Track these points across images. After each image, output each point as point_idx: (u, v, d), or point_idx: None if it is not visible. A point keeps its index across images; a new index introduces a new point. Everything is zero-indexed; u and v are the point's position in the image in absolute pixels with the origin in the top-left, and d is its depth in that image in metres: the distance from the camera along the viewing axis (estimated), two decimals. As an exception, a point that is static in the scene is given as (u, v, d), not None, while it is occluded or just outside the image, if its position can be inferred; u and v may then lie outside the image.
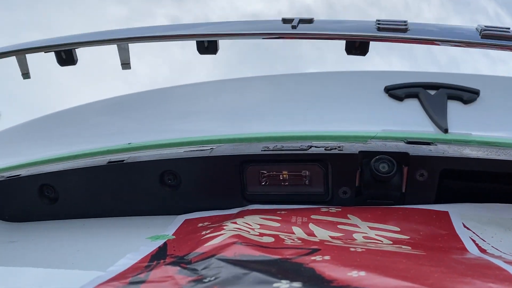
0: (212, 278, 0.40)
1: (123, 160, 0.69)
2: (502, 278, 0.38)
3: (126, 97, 1.02)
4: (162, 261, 0.49)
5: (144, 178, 0.69)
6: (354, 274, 0.39)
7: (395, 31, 0.59)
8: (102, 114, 0.99)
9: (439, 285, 0.36)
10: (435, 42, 0.58)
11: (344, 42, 0.65)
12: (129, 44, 0.71)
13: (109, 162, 0.70)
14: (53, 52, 0.73)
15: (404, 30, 0.59)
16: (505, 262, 0.43)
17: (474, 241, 0.53)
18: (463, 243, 0.53)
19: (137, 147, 0.78)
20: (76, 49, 0.70)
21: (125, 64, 0.73)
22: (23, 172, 0.73)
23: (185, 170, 0.68)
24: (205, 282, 0.40)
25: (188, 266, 0.45)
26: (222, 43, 0.70)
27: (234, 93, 0.94)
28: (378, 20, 0.63)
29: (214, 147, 0.70)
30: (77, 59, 0.68)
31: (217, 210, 0.68)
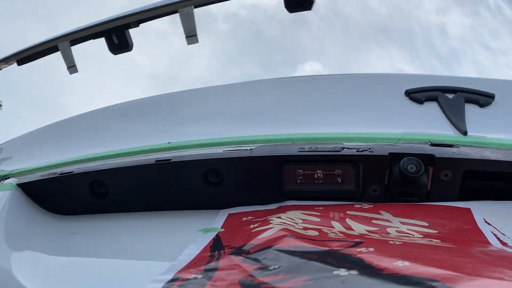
0: (276, 266, 0.47)
1: (170, 159, 0.75)
2: None
3: (157, 98, 1.08)
4: (222, 251, 0.55)
5: (189, 175, 0.75)
6: (400, 264, 0.45)
7: None
8: (137, 114, 1.04)
9: (475, 274, 0.42)
10: None
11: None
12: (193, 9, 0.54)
13: (156, 160, 0.76)
14: (103, 39, 0.60)
15: None
16: None
17: (495, 235, 0.60)
18: (485, 237, 0.59)
19: (178, 147, 0.84)
20: (130, 30, 0.53)
21: (191, 37, 0.56)
22: (75, 169, 0.79)
23: (227, 169, 0.74)
24: (270, 270, 0.46)
25: (248, 256, 0.51)
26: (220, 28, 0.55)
27: (264, 95, 0.99)
28: None
29: (253, 148, 0.76)
30: (132, 43, 0.54)
31: (256, 206, 0.74)
